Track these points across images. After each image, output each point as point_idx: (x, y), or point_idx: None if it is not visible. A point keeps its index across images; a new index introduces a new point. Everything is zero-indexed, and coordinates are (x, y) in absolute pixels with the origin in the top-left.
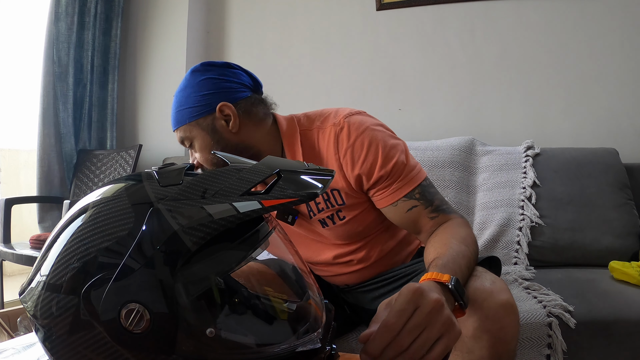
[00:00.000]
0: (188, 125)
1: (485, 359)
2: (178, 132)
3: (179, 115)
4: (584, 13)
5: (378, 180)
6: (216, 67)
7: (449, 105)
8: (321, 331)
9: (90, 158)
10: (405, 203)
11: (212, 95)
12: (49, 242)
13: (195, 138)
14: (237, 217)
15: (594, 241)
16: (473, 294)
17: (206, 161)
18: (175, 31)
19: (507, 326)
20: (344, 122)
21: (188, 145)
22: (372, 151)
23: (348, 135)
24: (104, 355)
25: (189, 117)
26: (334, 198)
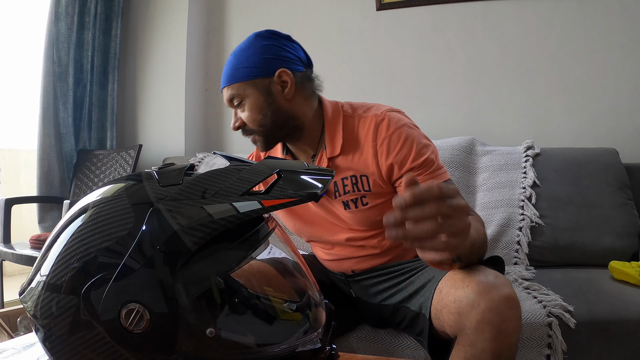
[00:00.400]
0: (243, 83)
1: (488, 351)
2: (229, 89)
3: (235, 72)
4: (584, 13)
5: (409, 171)
6: (279, 37)
7: (449, 105)
8: (321, 331)
9: (90, 158)
10: None
11: (273, 61)
12: (49, 242)
13: (247, 97)
14: (237, 217)
15: (594, 241)
16: (477, 287)
17: (253, 121)
18: (175, 31)
19: (510, 319)
20: (385, 115)
21: (237, 103)
22: (407, 145)
23: (387, 126)
24: (104, 355)
25: (247, 75)
26: (361, 183)
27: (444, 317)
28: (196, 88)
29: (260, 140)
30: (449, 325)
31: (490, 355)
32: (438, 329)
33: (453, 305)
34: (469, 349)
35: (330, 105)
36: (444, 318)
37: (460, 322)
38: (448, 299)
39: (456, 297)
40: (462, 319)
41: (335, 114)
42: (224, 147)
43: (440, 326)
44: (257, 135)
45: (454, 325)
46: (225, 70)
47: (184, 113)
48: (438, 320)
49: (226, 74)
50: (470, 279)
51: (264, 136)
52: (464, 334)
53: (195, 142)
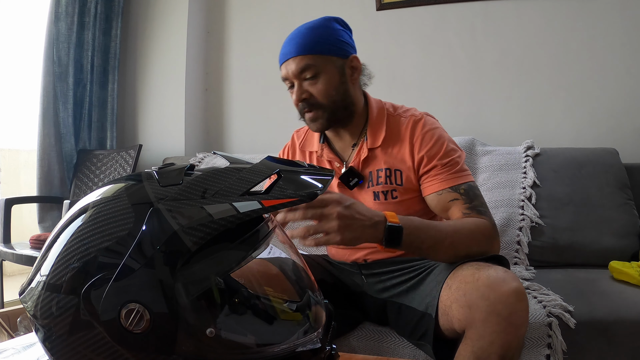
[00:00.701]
0: (321, 56)
1: (496, 344)
2: (305, 59)
3: (314, 44)
4: (584, 13)
5: (433, 167)
6: (348, 27)
7: (449, 105)
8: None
9: (90, 158)
10: (449, 194)
11: (347, 45)
12: (49, 242)
13: (324, 71)
14: (237, 217)
15: (594, 241)
16: (487, 280)
17: (328, 95)
18: (175, 31)
19: (518, 311)
20: (423, 116)
21: (309, 75)
22: (437, 144)
23: (423, 126)
24: (104, 355)
25: (328, 50)
26: (394, 177)
27: (454, 311)
28: (196, 88)
29: (323, 117)
30: (458, 319)
31: (498, 347)
32: (444, 327)
33: (463, 299)
34: (477, 342)
35: (374, 101)
36: (453, 313)
37: (470, 315)
38: (458, 293)
39: (466, 291)
40: (472, 312)
41: (380, 109)
42: (224, 147)
43: (447, 323)
44: (322, 112)
45: (464, 319)
46: (298, 41)
47: (184, 113)
48: (446, 316)
49: (300, 45)
50: (480, 273)
51: (330, 113)
52: (473, 327)
53: (195, 142)
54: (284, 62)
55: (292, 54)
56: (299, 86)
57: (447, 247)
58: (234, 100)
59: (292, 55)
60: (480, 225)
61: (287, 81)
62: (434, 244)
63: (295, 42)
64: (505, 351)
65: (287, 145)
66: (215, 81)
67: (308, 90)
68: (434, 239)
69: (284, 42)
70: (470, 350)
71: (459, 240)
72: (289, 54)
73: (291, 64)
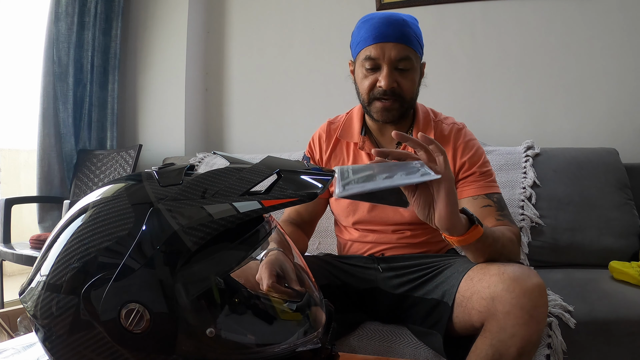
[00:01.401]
0: (416, 53)
1: (518, 336)
2: (407, 49)
3: (415, 39)
4: (584, 13)
5: (472, 174)
6: None
7: (449, 105)
8: (321, 331)
9: (90, 158)
10: (483, 200)
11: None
12: (49, 242)
13: (414, 68)
14: (237, 217)
15: (594, 241)
16: (512, 274)
17: (411, 91)
18: (175, 31)
19: (540, 306)
20: (463, 126)
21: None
22: (478, 153)
23: (466, 134)
24: (104, 355)
25: (420, 48)
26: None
27: (474, 302)
28: (196, 88)
29: (398, 110)
30: (479, 310)
31: (519, 340)
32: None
33: (487, 291)
34: (496, 335)
35: (419, 104)
36: (472, 304)
37: (492, 306)
38: (481, 285)
39: (490, 283)
40: (495, 304)
41: (426, 114)
42: (224, 147)
43: (463, 314)
44: (399, 104)
45: (484, 311)
46: (401, 29)
47: (184, 113)
48: (463, 308)
49: (405, 34)
50: (505, 268)
51: (405, 109)
52: (494, 320)
53: (195, 142)
54: (381, 42)
55: (393, 38)
56: (390, 73)
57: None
58: (234, 100)
59: (395, 40)
60: (516, 232)
61: (371, 61)
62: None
63: (398, 29)
64: (524, 345)
65: (319, 137)
66: (215, 81)
67: (397, 80)
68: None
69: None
70: (489, 344)
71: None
72: (389, 37)
73: (391, 48)
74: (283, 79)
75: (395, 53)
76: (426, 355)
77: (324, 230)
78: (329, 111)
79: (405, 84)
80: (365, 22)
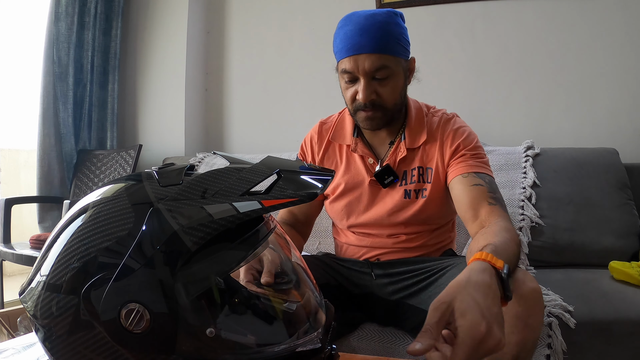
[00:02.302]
0: (394, 58)
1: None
2: (381, 58)
3: (389, 43)
4: (584, 13)
5: (462, 155)
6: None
7: (449, 105)
8: (321, 331)
9: (90, 158)
10: (474, 178)
11: (409, 46)
12: (49, 242)
13: (395, 74)
14: (237, 217)
15: (594, 241)
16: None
17: (393, 99)
18: (175, 31)
19: (536, 314)
20: (454, 115)
21: (382, 76)
22: (468, 139)
23: (454, 123)
24: (104, 355)
25: (400, 52)
26: (425, 175)
27: None
28: (196, 88)
29: (382, 119)
30: None
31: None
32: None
33: None
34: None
35: (412, 101)
36: None
37: None
38: None
39: None
40: None
41: (418, 110)
42: (224, 147)
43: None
44: (381, 113)
45: None
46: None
47: (184, 113)
48: None
49: (377, 40)
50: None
51: (390, 116)
52: None
53: (195, 142)
54: (354, 55)
55: (367, 48)
56: (367, 85)
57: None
58: (234, 100)
59: (367, 51)
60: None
61: (348, 74)
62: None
63: (370, 37)
64: (519, 351)
65: (311, 139)
66: (215, 81)
67: (376, 91)
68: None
69: (349, 30)
70: None
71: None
72: (362, 47)
73: (365, 60)
74: (283, 79)
75: (369, 64)
76: None
77: (324, 230)
78: (328, 111)
79: (384, 93)
80: (340, 29)
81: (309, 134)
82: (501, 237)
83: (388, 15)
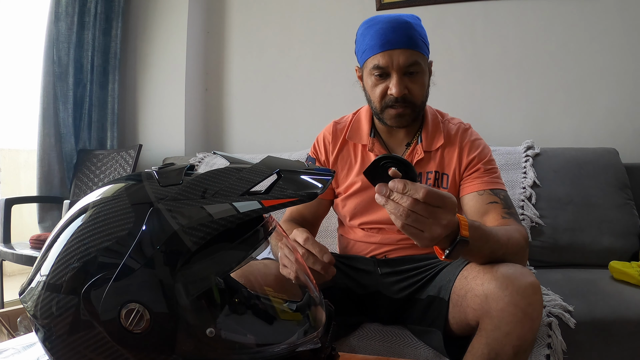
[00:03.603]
0: (424, 56)
1: (513, 334)
2: (415, 54)
3: (421, 41)
4: (584, 13)
5: (477, 170)
6: None
7: (449, 105)
8: (321, 331)
9: (90, 158)
10: (489, 196)
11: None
12: (49, 242)
13: (424, 72)
14: (237, 217)
15: (594, 241)
16: (506, 272)
17: (421, 96)
18: (175, 31)
19: (534, 303)
20: (469, 126)
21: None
22: (484, 152)
23: (472, 134)
24: (104, 355)
25: (427, 51)
26: (441, 180)
27: (468, 300)
28: (196, 88)
29: (411, 115)
30: (473, 309)
31: (514, 338)
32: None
33: (480, 289)
34: (492, 333)
35: (427, 107)
36: (467, 302)
37: (486, 304)
38: (475, 282)
39: (484, 281)
40: (489, 302)
41: (434, 115)
42: (224, 147)
43: (459, 314)
44: (410, 109)
45: (479, 309)
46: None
47: (184, 113)
48: (459, 307)
49: (411, 38)
50: (498, 266)
51: (417, 113)
52: (488, 317)
53: (195, 142)
54: (388, 50)
55: (402, 44)
56: (400, 80)
57: (500, 256)
58: (234, 100)
59: (402, 46)
60: (522, 234)
61: (380, 69)
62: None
63: (404, 33)
64: (520, 343)
65: (324, 138)
66: (215, 81)
67: (407, 86)
68: (492, 249)
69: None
70: (485, 342)
71: (511, 250)
72: (397, 43)
73: (399, 55)
74: (283, 79)
75: (404, 59)
76: (426, 355)
77: (324, 230)
78: (328, 111)
79: (415, 89)
80: (369, 28)
81: (322, 133)
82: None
83: (413, 17)
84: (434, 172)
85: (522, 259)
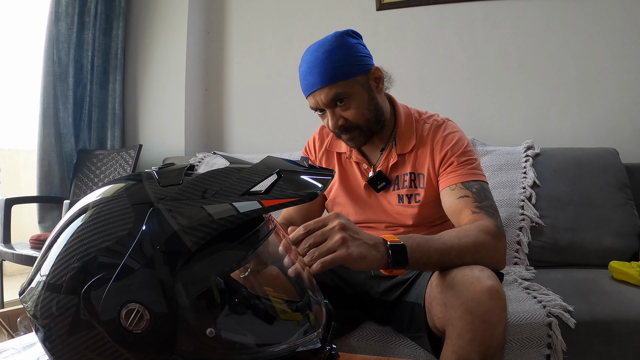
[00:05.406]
0: (349, 81)
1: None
2: (334, 88)
3: (336, 70)
4: (584, 13)
5: (450, 164)
6: (360, 37)
7: (449, 105)
8: (321, 331)
9: (90, 158)
10: (460, 190)
11: (366, 58)
12: (49, 242)
13: (354, 95)
14: (237, 217)
15: (594, 241)
16: (462, 279)
17: (362, 117)
18: (176, 31)
19: (493, 309)
20: (445, 121)
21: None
22: (458, 144)
23: (444, 129)
24: (104, 355)
25: (352, 73)
26: (418, 180)
27: (434, 309)
28: (196, 88)
29: (360, 136)
30: (438, 317)
31: (477, 345)
32: (431, 324)
33: (440, 297)
34: (455, 341)
35: (401, 107)
36: (434, 311)
37: (447, 313)
38: (437, 291)
39: (442, 289)
40: (448, 310)
41: (408, 116)
42: (224, 147)
43: (431, 320)
44: (358, 132)
45: (442, 317)
46: (320, 70)
47: (184, 113)
48: (430, 314)
49: (324, 74)
50: (456, 272)
51: (367, 131)
52: (451, 325)
53: (195, 142)
54: (311, 93)
55: (318, 84)
56: (332, 114)
57: (454, 257)
58: (234, 100)
59: (319, 87)
60: (485, 228)
61: (315, 110)
62: (441, 257)
63: (318, 72)
64: (484, 349)
65: (313, 141)
66: (215, 81)
67: (342, 116)
68: (440, 251)
69: (304, 70)
70: (452, 350)
71: (466, 249)
72: (314, 84)
73: (320, 95)
74: (283, 79)
75: (324, 98)
76: (425, 355)
77: None
78: None
79: (350, 115)
80: (300, 68)
81: (312, 136)
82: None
83: (333, 40)
84: (409, 173)
85: (489, 255)
